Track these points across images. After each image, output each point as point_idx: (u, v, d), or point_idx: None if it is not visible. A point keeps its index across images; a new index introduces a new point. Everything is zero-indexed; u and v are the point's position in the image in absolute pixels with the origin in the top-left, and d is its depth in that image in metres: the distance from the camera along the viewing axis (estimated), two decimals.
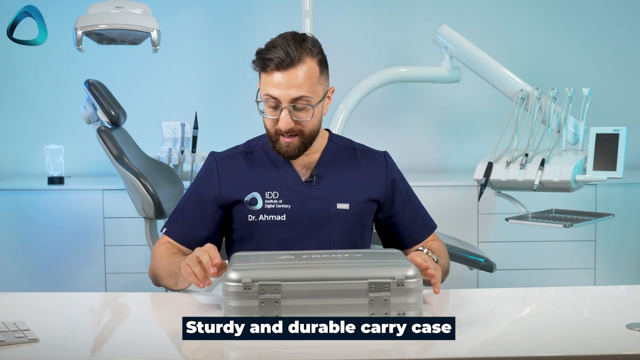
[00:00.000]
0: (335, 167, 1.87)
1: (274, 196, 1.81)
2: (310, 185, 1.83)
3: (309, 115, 1.76)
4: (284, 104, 1.73)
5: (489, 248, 3.63)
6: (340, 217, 1.82)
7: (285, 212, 1.80)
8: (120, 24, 2.98)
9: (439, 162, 4.23)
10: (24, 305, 1.66)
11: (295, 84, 1.72)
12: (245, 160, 1.87)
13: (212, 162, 1.88)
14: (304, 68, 1.73)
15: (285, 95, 1.73)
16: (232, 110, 4.12)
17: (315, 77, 1.76)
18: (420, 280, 1.43)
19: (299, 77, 1.73)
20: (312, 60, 1.75)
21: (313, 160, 1.86)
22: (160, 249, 1.85)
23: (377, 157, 1.92)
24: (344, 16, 4.12)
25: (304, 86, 1.73)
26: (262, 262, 1.49)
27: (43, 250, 3.66)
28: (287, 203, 1.81)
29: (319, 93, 1.77)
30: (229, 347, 1.37)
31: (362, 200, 1.85)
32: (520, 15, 4.16)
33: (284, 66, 1.72)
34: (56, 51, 3.96)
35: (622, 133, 2.69)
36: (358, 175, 1.87)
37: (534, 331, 1.46)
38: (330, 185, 1.84)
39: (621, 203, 3.70)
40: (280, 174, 1.84)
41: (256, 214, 1.81)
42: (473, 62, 3.11)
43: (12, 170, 4.11)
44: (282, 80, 1.72)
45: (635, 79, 4.19)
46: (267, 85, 1.74)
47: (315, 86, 1.76)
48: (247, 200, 1.81)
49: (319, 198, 1.82)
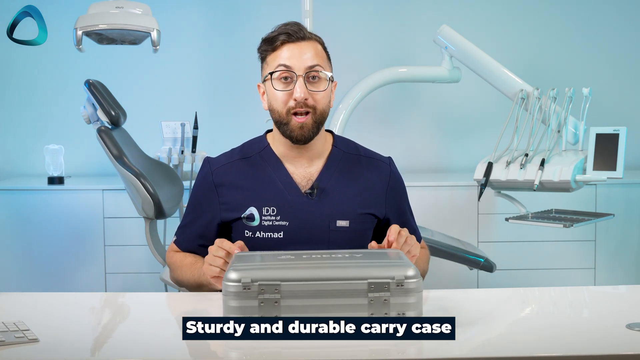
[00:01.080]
0: (337, 179, 1.82)
1: (272, 212, 1.77)
2: (310, 199, 1.78)
3: (324, 85, 1.75)
4: (298, 72, 1.72)
5: (489, 248, 3.63)
6: (340, 235, 1.78)
7: (282, 230, 1.76)
8: (120, 24, 2.98)
9: (439, 162, 4.23)
10: (24, 305, 1.65)
11: (309, 53, 1.74)
12: (241, 169, 1.82)
13: (208, 175, 1.83)
14: (313, 44, 1.76)
15: (300, 63, 1.72)
16: (232, 110, 4.12)
17: (325, 57, 1.78)
18: (420, 280, 1.43)
19: (311, 48, 1.75)
20: (319, 45, 1.79)
21: (315, 169, 1.82)
22: (175, 258, 1.86)
23: (381, 165, 1.88)
24: (344, 16, 4.12)
25: (317, 56, 1.75)
26: (261, 262, 1.49)
27: (43, 250, 3.66)
28: (285, 220, 1.76)
29: (329, 71, 1.78)
30: (229, 347, 1.37)
31: (361, 215, 1.81)
32: (520, 15, 4.16)
33: (296, 38, 1.74)
34: (56, 51, 3.96)
35: (622, 133, 2.69)
36: (360, 186, 1.83)
37: (534, 331, 1.46)
38: (330, 200, 1.79)
39: (621, 203, 3.70)
40: (278, 186, 1.79)
41: (253, 230, 1.77)
42: (473, 62, 3.11)
43: (12, 170, 4.12)
44: (294, 50, 1.73)
45: (635, 79, 4.19)
46: (279, 59, 1.74)
47: (325, 63, 1.78)
48: (245, 216, 1.78)
49: (318, 214, 1.77)
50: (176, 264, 1.85)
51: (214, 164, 1.85)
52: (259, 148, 1.85)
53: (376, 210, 1.83)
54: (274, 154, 1.83)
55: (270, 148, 1.84)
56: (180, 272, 1.83)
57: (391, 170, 1.89)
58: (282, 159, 1.82)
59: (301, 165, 1.81)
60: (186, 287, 1.84)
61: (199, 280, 1.75)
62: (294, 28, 1.75)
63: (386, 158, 1.91)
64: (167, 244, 3.40)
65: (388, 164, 1.90)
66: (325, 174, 1.81)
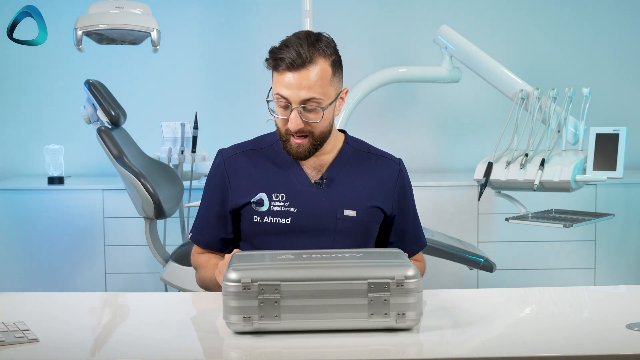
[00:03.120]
0: (347, 171, 1.84)
1: (281, 198, 1.79)
2: (319, 188, 1.81)
3: (318, 117, 1.74)
4: (293, 104, 1.72)
5: (489, 248, 3.64)
6: (347, 224, 1.80)
7: (290, 216, 1.79)
8: (120, 24, 2.98)
9: (439, 162, 4.23)
10: (24, 305, 1.66)
11: (306, 85, 1.71)
12: (253, 158, 1.85)
13: (221, 164, 1.86)
14: (315, 69, 1.71)
15: (296, 96, 1.71)
16: (232, 110, 4.12)
17: (327, 79, 1.74)
18: (419, 280, 1.42)
19: (310, 78, 1.71)
20: (325, 62, 1.73)
21: (324, 162, 1.84)
22: (199, 260, 1.88)
23: (391, 164, 1.89)
24: (344, 16, 4.13)
25: (314, 87, 1.71)
26: (261, 262, 1.49)
27: (43, 250, 3.66)
28: (294, 206, 1.79)
29: (331, 95, 1.75)
30: (229, 347, 1.37)
31: (369, 208, 1.82)
32: (520, 15, 4.16)
33: (295, 67, 1.70)
34: (56, 51, 3.96)
35: (622, 133, 2.69)
36: (369, 181, 1.84)
37: (534, 331, 1.46)
38: (339, 190, 1.81)
39: (621, 203, 3.70)
40: (288, 175, 1.82)
41: (261, 215, 1.80)
42: (473, 62, 3.11)
43: (13, 170, 4.12)
44: (292, 80, 1.71)
45: (635, 79, 4.19)
46: (278, 85, 1.73)
47: (326, 88, 1.74)
48: (254, 200, 1.80)
49: (326, 202, 1.80)
50: (201, 265, 1.87)
51: (226, 153, 1.88)
52: (272, 141, 1.87)
53: (384, 205, 1.85)
54: None
55: None
56: (204, 273, 1.84)
57: (401, 169, 1.90)
58: None
59: (311, 160, 1.83)
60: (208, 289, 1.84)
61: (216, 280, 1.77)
62: (294, 55, 1.70)
63: (397, 158, 1.93)
64: (167, 244, 3.40)
65: (398, 164, 1.91)
66: (335, 166, 1.84)
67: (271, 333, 1.40)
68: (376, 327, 1.40)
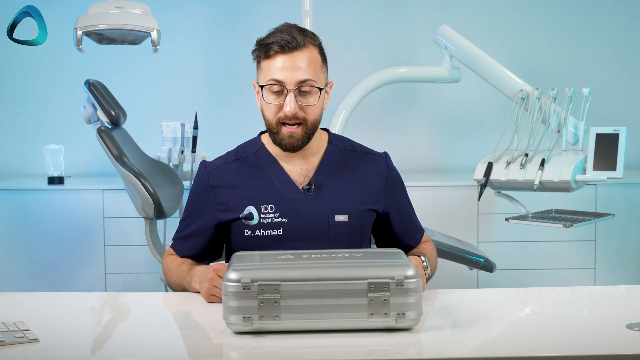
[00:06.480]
0: (334, 174, 1.82)
1: (270, 210, 1.77)
2: (308, 195, 1.78)
3: (315, 99, 1.73)
4: (289, 86, 1.71)
5: (489, 248, 3.63)
6: (339, 230, 1.78)
7: (281, 226, 1.76)
8: (120, 24, 2.98)
9: (439, 162, 4.23)
10: (24, 305, 1.65)
11: (302, 66, 1.71)
12: (237, 170, 1.82)
13: (204, 177, 1.83)
14: (307, 53, 1.72)
15: (291, 78, 1.70)
16: (232, 110, 4.12)
17: (319, 64, 1.75)
18: (420, 280, 1.42)
19: (304, 60, 1.71)
20: (315, 49, 1.75)
21: (311, 166, 1.82)
22: (167, 262, 1.88)
23: (377, 160, 1.88)
24: (344, 16, 4.13)
25: (309, 69, 1.71)
26: (261, 262, 1.49)
27: (43, 250, 3.66)
28: (284, 217, 1.76)
29: (322, 80, 1.76)
30: (229, 347, 1.37)
31: (360, 211, 1.81)
32: (520, 15, 4.16)
33: (289, 48, 1.70)
34: (56, 51, 3.96)
35: (622, 133, 2.69)
36: (358, 182, 1.83)
37: (534, 331, 1.46)
38: (328, 195, 1.79)
39: (621, 203, 3.70)
40: (275, 184, 1.79)
41: (252, 229, 1.77)
42: (473, 62, 3.11)
43: (12, 170, 4.12)
44: (287, 62, 1.70)
45: (635, 79, 4.19)
46: (270, 70, 1.72)
47: (318, 72, 1.74)
48: (243, 215, 1.78)
49: (316, 210, 1.78)
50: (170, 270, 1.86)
51: (209, 166, 1.85)
52: (254, 149, 1.85)
53: (375, 205, 1.83)
54: (269, 154, 1.83)
55: (265, 148, 1.84)
56: (169, 274, 1.85)
57: (387, 164, 1.89)
58: (277, 158, 1.83)
59: (297, 163, 1.82)
60: (173, 290, 1.85)
61: (182, 285, 1.78)
62: (287, 37, 1.71)
63: (382, 153, 1.91)
64: (167, 244, 3.40)
65: (384, 158, 1.90)
66: (322, 169, 1.82)
67: (271, 333, 1.40)
68: (376, 327, 1.40)
